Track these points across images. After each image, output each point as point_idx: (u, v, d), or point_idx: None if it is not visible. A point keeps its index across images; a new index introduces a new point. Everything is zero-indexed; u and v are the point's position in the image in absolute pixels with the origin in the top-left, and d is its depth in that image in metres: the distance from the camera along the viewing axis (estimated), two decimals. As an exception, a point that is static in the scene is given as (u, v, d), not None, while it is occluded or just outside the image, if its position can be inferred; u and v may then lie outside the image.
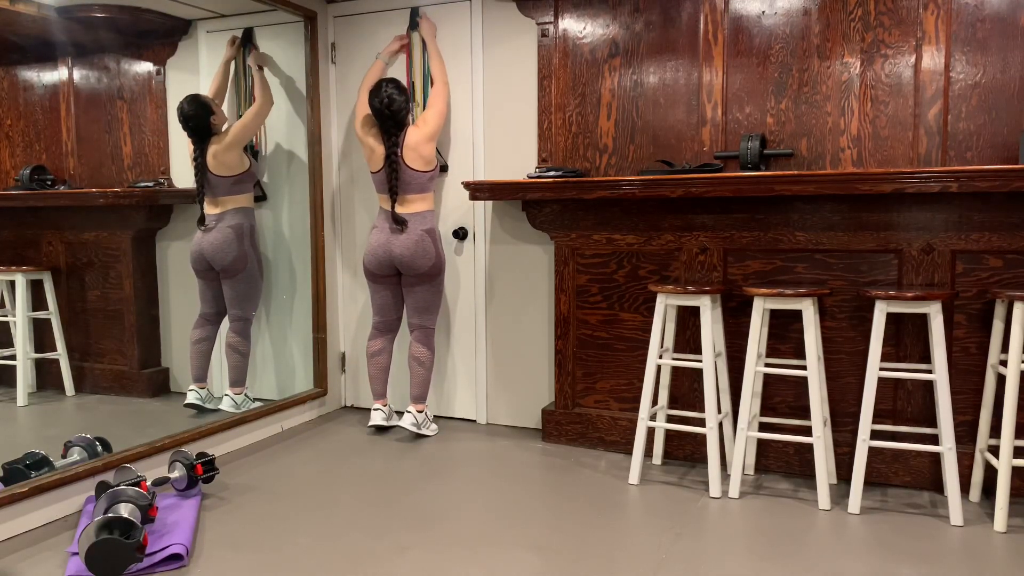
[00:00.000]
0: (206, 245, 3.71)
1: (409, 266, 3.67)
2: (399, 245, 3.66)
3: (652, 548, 2.52)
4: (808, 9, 3.22)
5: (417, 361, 3.80)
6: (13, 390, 3.34)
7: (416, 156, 3.66)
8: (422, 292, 3.75)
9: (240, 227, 3.76)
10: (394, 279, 3.78)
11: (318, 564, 2.43)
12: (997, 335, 2.86)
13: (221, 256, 3.71)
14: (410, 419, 3.76)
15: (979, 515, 2.78)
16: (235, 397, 3.85)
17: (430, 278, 3.73)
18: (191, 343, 3.80)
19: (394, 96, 3.60)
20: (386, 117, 3.61)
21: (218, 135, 3.69)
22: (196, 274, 3.79)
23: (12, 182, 3.32)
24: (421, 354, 3.80)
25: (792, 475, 3.24)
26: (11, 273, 3.35)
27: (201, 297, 3.81)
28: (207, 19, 3.88)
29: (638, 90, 3.53)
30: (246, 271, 3.80)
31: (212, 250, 3.70)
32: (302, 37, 4.06)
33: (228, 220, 3.73)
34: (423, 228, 3.69)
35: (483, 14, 3.84)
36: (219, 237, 3.71)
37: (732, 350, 3.34)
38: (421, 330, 3.80)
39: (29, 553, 2.53)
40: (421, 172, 3.69)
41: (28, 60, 3.33)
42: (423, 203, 3.72)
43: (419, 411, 3.80)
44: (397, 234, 3.67)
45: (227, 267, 3.73)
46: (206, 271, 3.76)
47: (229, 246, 3.72)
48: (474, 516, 2.81)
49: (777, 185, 2.94)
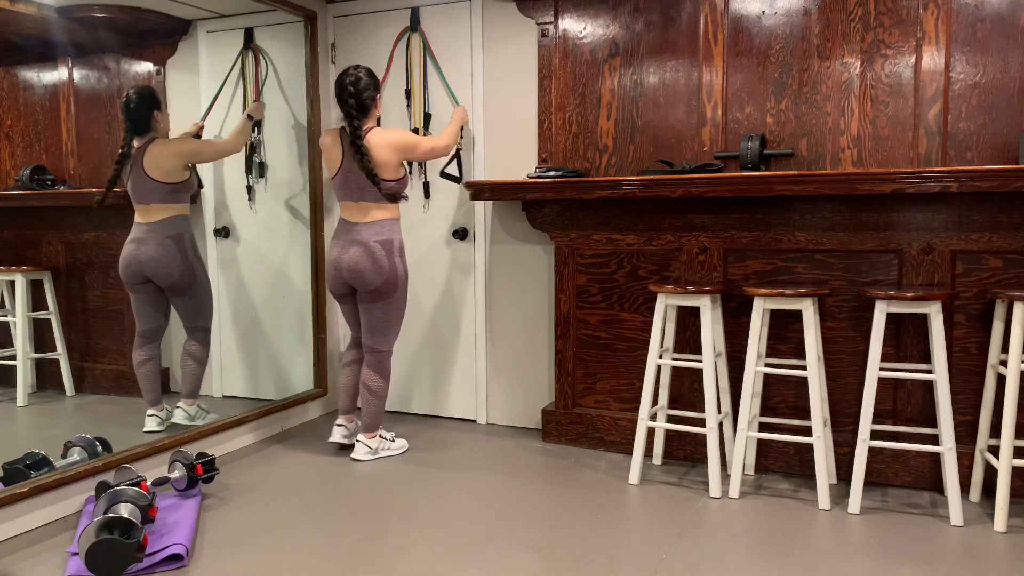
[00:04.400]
0: (143, 258, 3.36)
1: (359, 281, 3.32)
2: (348, 257, 3.31)
3: (652, 548, 2.52)
4: (808, 9, 3.22)
5: (368, 390, 3.44)
6: (13, 390, 3.34)
7: (380, 162, 3.30)
8: (374, 311, 3.38)
9: (180, 238, 3.43)
10: (354, 297, 3.46)
11: (318, 564, 2.43)
12: (997, 335, 2.86)
13: (165, 272, 3.38)
14: (362, 450, 3.43)
15: (979, 515, 2.78)
16: (188, 409, 3.56)
17: (382, 296, 3.35)
18: (135, 367, 3.45)
19: (361, 76, 3.31)
20: (348, 96, 3.28)
21: (161, 138, 3.43)
22: (129, 288, 3.41)
23: (12, 182, 3.32)
24: (372, 382, 3.44)
25: (792, 475, 3.24)
26: (11, 273, 3.35)
27: (137, 314, 3.44)
28: (207, 19, 3.88)
29: (638, 90, 3.53)
30: (196, 285, 3.51)
31: (153, 265, 3.36)
32: (302, 37, 4.06)
33: (166, 230, 3.39)
34: (377, 239, 3.32)
35: (483, 14, 3.84)
36: (159, 251, 3.36)
37: (732, 350, 3.34)
38: (374, 355, 3.44)
39: (29, 553, 2.53)
40: (384, 180, 3.33)
41: (28, 60, 3.33)
42: (382, 211, 3.35)
43: (370, 438, 3.46)
44: (348, 245, 3.33)
45: (175, 283, 3.42)
46: (142, 285, 3.40)
47: (172, 261, 3.39)
48: (474, 516, 2.81)
49: (777, 185, 2.94)
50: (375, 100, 3.36)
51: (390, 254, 3.33)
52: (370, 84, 3.32)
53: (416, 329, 4.16)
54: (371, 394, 3.44)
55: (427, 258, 4.09)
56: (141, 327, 3.45)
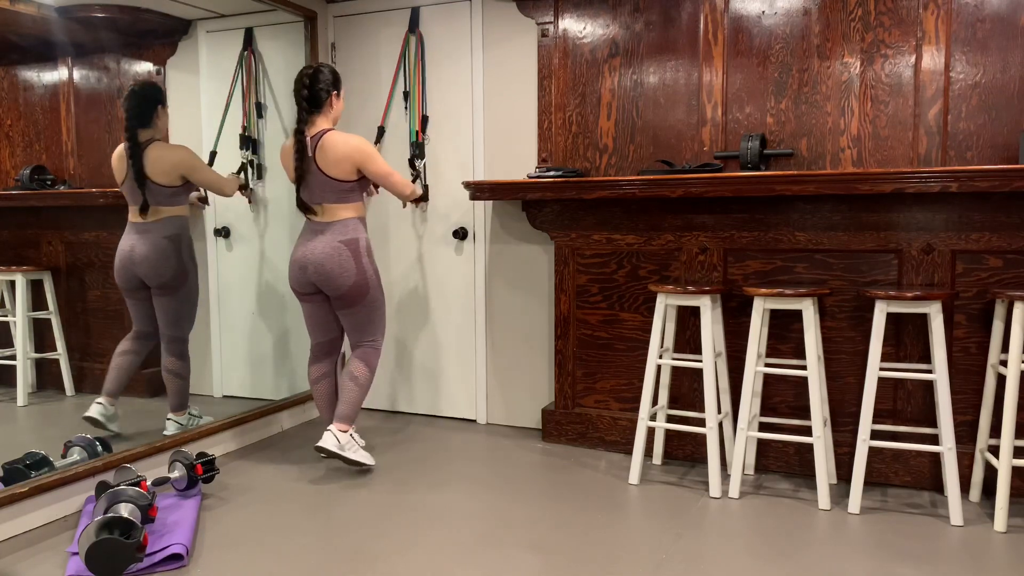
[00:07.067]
0: (137, 258, 3.27)
1: (327, 284, 3.16)
2: (314, 258, 3.15)
3: (652, 548, 2.52)
4: (808, 9, 3.22)
5: (352, 378, 3.27)
6: (13, 390, 3.34)
7: (332, 162, 3.13)
8: (353, 315, 3.24)
9: (177, 238, 3.35)
10: (320, 296, 3.28)
11: (318, 564, 2.43)
12: (997, 335, 2.86)
13: (157, 272, 3.28)
14: (331, 440, 3.17)
15: (979, 515, 2.78)
16: (179, 419, 3.49)
17: (357, 299, 3.20)
18: (114, 355, 3.34)
19: (322, 71, 3.17)
20: (302, 87, 3.13)
21: (160, 140, 3.33)
22: (124, 292, 3.34)
23: (12, 182, 3.32)
24: (358, 371, 3.28)
25: (792, 475, 3.24)
26: (11, 273, 3.35)
27: (134, 316, 3.37)
28: (207, 19, 3.88)
29: (638, 90, 3.53)
30: (185, 287, 3.39)
31: (146, 265, 3.27)
32: (302, 37, 4.06)
33: (163, 230, 3.30)
34: (342, 239, 3.16)
35: (483, 14, 3.84)
36: (153, 250, 3.27)
37: (732, 350, 3.34)
38: (362, 348, 3.31)
39: (29, 553, 2.53)
40: (337, 180, 3.16)
41: (28, 60, 3.33)
42: (346, 211, 3.19)
43: (342, 431, 3.22)
44: (313, 245, 3.18)
45: (165, 283, 3.32)
46: (137, 289, 3.33)
47: (166, 260, 3.29)
48: (474, 516, 2.81)
49: (777, 185, 2.94)
50: (330, 96, 3.18)
51: (357, 255, 3.18)
52: (329, 80, 3.17)
53: (416, 329, 4.16)
54: (353, 381, 3.26)
55: (427, 258, 4.09)
56: (138, 327, 3.41)
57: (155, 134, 3.35)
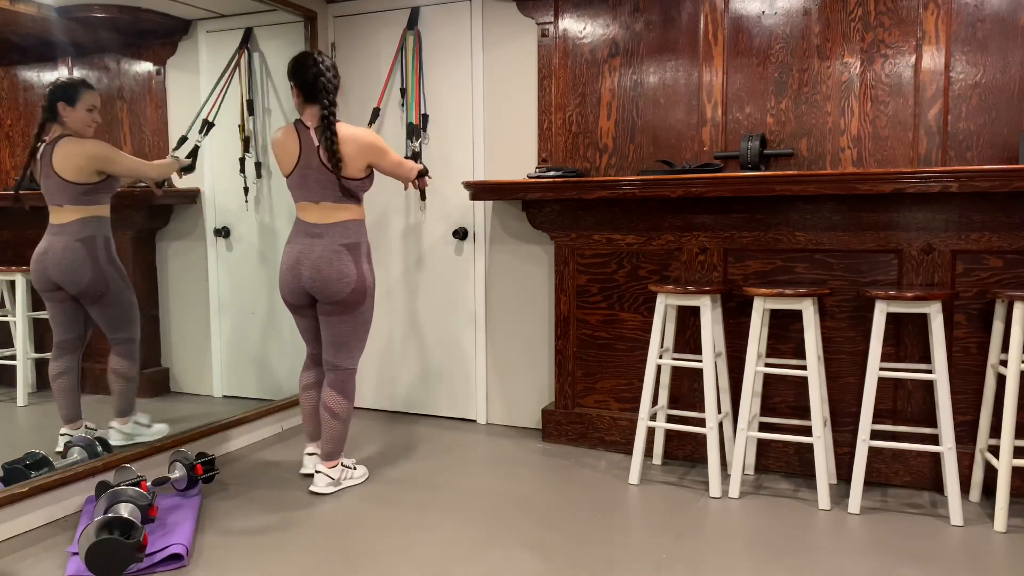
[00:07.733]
0: (50, 263, 3.05)
1: (323, 291, 2.93)
2: (310, 263, 2.93)
3: (652, 548, 2.52)
4: (808, 9, 3.22)
5: (329, 411, 3.03)
6: (13, 390, 3.34)
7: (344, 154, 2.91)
8: (339, 325, 2.99)
9: (92, 240, 3.09)
10: (314, 310, 3.08)
11: (318, 564, 2.43)
12: (997, 335, 2.86)
13: (72, 278, 3.06)
14: (324, 482, 3.03)
15: (979, 515, 2.78)
16: (122, 428, 3.27)
17: (350, 308, 2.96)
18: (50, 379, 3.15)
19: (326, 61, 2.93)
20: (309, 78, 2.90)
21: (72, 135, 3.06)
22: (42, 295, 3.12)
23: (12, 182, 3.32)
24: (335, 403, 3.03)
25: (792, 475, 3.24)
26: (11, 273, 3.35)
27: (53, 323, 3.14)
28: (207, 19, 3.88)
29: (638, 90, 3.53)
30: (110, 292, 3.16)
31: (59, 271, 3.04)
32: (302, 37, 4.06)
33: (75, 232, 3.06)
34: (343, 242, 2.94)
35: (483, 14, 3.84)
36: (66, 255, 3.05)
37: (732, 350, 3.34)
38: (336, 372, 3.04)
39: (29, 553, 2.53)
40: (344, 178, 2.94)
41: (28, 60, 3.33)
42: (346, 212, 2.97)
43: (331, 467, 3.07)
44: (309, 250, 2.95)
45: (84, 291, 3.09)
46: (54, 292, 3.09)
47: (80, 266, 3.06)
48: (474, 516, 2.81)
49: (777, 185, 2.94)
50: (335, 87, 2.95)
51: (357, 260, 2.96)
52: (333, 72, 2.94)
53: (416, 329, 4.16)
54: (334, 417, 3.04)
55: (427, 258, 4.09)
56: (58, 337, 3.14)
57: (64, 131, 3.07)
